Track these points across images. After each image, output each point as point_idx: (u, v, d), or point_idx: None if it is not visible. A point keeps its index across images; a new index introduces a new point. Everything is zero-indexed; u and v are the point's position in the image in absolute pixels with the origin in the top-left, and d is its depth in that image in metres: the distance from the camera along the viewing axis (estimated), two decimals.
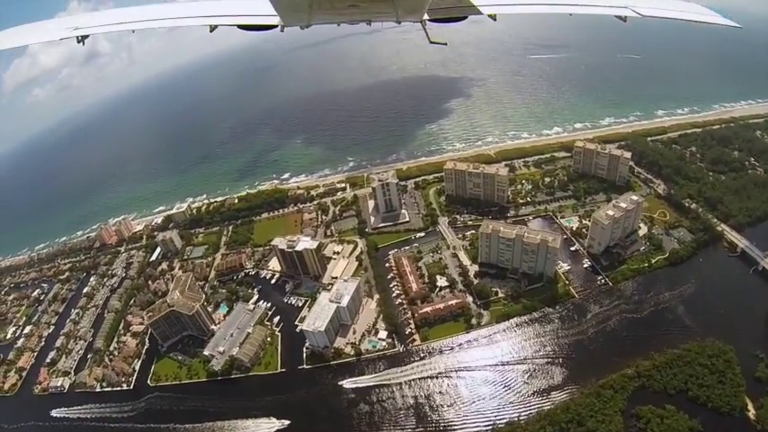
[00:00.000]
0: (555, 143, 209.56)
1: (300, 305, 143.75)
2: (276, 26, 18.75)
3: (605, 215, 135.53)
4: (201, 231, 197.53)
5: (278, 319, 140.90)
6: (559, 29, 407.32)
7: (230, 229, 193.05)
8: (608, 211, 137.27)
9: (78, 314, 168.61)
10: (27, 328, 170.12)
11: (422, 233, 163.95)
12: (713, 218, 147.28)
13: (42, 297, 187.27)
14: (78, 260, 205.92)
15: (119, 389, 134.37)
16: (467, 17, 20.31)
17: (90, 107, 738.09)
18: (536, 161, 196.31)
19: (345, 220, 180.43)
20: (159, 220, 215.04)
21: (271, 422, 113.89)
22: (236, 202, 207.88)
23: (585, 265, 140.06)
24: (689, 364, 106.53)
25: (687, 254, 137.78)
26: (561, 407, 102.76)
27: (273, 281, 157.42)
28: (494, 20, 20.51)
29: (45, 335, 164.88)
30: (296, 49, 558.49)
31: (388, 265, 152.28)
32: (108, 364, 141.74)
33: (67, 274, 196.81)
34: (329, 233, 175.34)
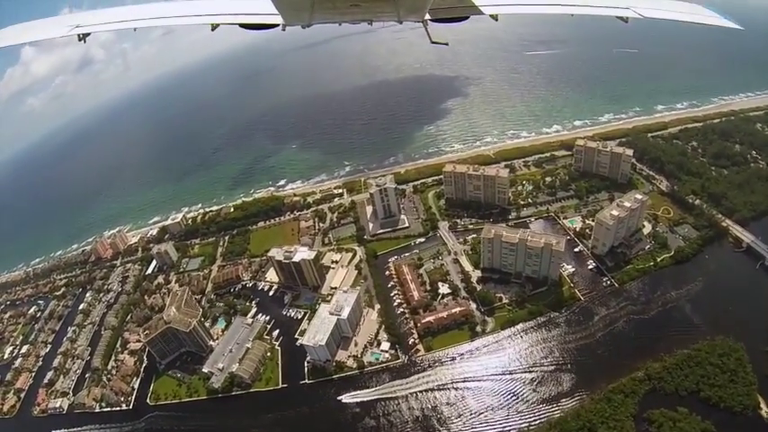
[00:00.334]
0: (555, 142, 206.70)
1: (300, 317, 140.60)
2: (278, 25, 18.66)
3: (609, 215, 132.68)
4: (197, 242, 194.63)
5: (277, 333, 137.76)
6: (554, 25, 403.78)
7: (226, 239, 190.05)
8: (612, 211, 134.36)
9: (75, 332, 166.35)
10: (24, 348, 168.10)
11: (422, 239, 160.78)
12: (717, 213, 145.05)
13: (39, 314, 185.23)
14: (74, 275, 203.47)
15: (118, 409, 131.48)
16: (468, 17, 20.23)
17: (84, 115, 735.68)
18: (536, 161, 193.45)
19: (343, 228, 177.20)
20: (154, 231, 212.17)
21: None
22: (231, 211, 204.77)
23: (590, 267, 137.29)
24: (699, 365, 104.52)
25: (693, 251, 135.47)
26: (571, 414, 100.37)
27: (271, 293, 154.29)
28: (495, 20, 20.20)
29: (42, 354, 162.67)
30: (289, 52, 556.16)
31: (388, 273, 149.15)
32: (106, 383, 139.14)
33: (63, 289, 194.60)
34: (327, 241, 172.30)
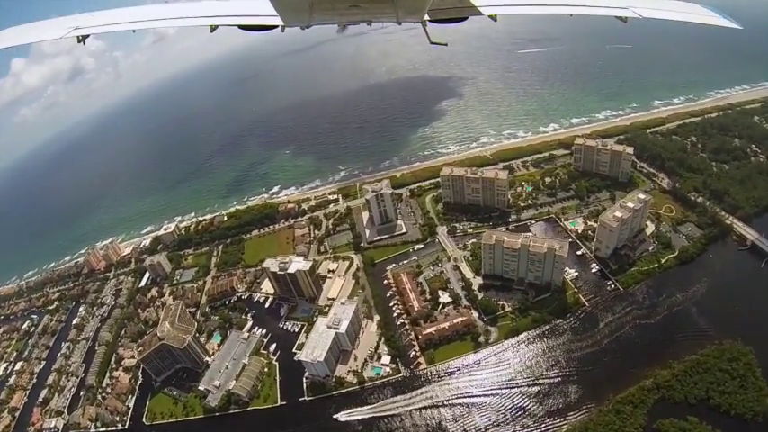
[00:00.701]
0: (553, 141, 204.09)
1: (297, 330, 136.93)
2: (277, 26, 18.69)
3: (612, 217, 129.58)
4: (191, 253, 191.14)
5: (274, 347, 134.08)
6: (545, 22, 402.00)
7: (220, 248, 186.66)
8: (615, 212, 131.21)
9: (69, 347, 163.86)
10: (18, 365, 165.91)
11: (420, 245, 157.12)
12: (721, 211, 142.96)
13: (32, 329, 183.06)
14: (67, 288, 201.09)
15: (113, 429, 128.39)
16: (467, 18, 20.25)
17: (78, 125, 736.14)
18: (535, 161, 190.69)
19: (339, 235, 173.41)
20: (147, 242, 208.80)
21: None
22: (225, 219, 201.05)
23: (594, 270, 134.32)
24: (708, 371, 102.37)
25: (697, 251, 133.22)
26: (579, 427, 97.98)
27: (267, 304, 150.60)
28: (494, 20, 19.97)
29: (36, 371, 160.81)
30: (280, 56, 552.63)
31: (386, 281, 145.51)
32: (101, 401, 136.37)
33: (56, 303, 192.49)
34: (323, 249, 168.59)
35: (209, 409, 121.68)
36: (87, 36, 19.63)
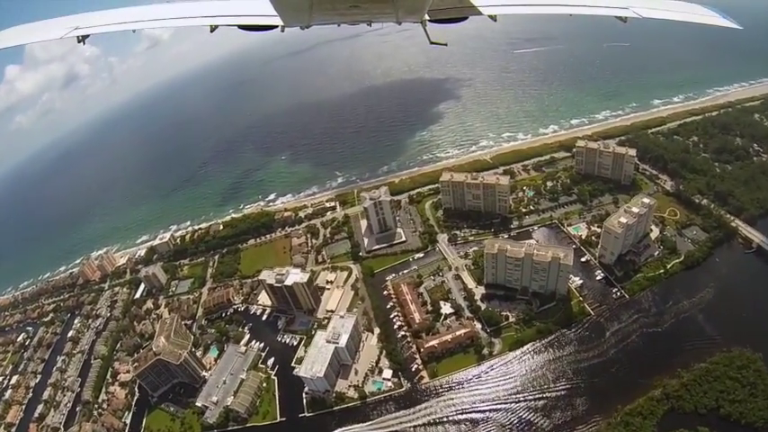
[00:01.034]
0: (553, 142, 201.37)
1: (295, 344, 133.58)
2: (276, 26, 18.71)
3: (617, 223, 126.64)
4: (186, 263, 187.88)
5: (272, 361, 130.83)
6: (541, 21, 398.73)
7: (216, 259, 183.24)
8: (620, 218, 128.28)
9: (65, 361, 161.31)
10: (14, 378, 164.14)
11: (420, 254, 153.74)
12: (726, 213, 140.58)
13: (27, 342, 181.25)
14: (62, 299, 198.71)
15: None
16: (467, 18, 20.20)
17: (74, 131, 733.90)
18: (535, 164, 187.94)
19: (337, 244, 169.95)
20: (142, 251, 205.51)
21: None
22: (221, 228, 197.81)
23: (599, 278, 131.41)
24: (718, 379, 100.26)
25: (703, 255, 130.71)
26: None
27: (264, 317, 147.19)
28: (494, 20, 19.91)
29: (32, 385, 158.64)
30: (276, 59, 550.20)
31: (386, 292, 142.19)
32: (97, 418, 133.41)
33: (52, 315, 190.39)
34: (321, 259, 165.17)
35: (207, 426, 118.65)
36: (87, 36, 19.59)
